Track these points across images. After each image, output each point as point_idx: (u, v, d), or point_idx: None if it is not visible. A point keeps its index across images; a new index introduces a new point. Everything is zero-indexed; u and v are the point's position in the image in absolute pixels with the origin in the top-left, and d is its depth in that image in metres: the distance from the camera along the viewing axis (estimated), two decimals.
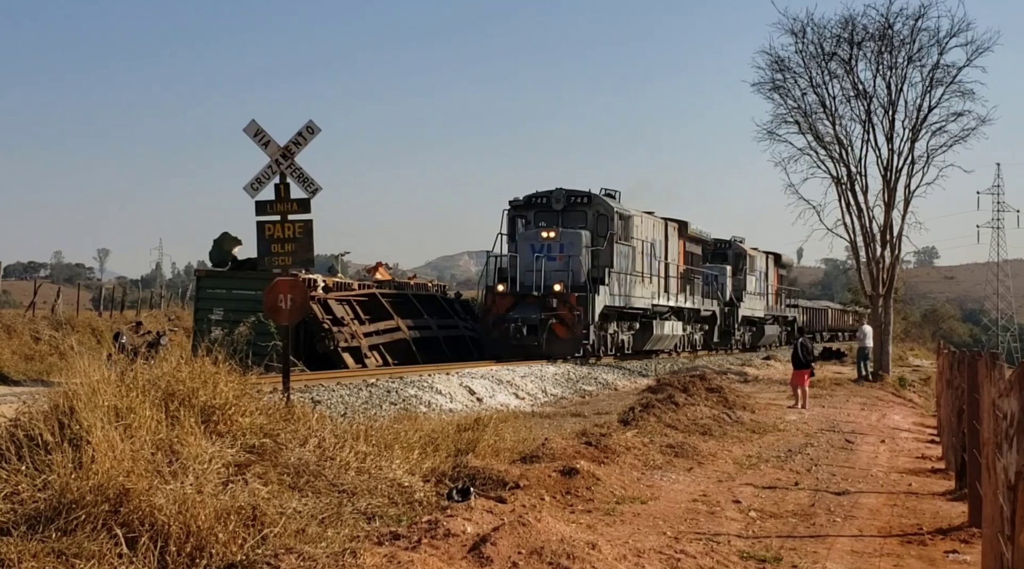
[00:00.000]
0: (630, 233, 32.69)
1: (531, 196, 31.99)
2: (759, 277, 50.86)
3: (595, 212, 31.50)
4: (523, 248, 30.42)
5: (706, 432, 15.53)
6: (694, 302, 40.37)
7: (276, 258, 13.16)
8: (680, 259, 39.09)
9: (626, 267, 32.23)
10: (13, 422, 8.00)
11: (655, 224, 36.22)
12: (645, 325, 35.00)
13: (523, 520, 7.62)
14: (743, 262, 47.62)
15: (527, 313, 29.30)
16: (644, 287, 33.95)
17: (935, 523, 9.86)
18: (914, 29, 32.62)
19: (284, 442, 8.81)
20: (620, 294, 31.70)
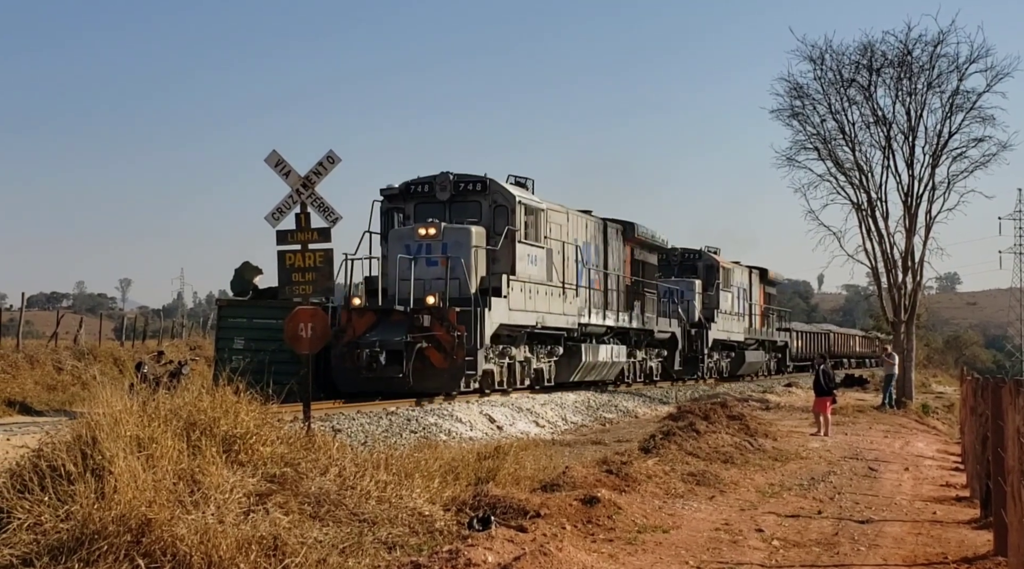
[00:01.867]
0: (542, 231, 25.75)
1: (409, 183, 25.10)
2: (738, 294, 45.06)
3: (492, 202, 24.27)
4: (394, 249, 23.39)
5: (728, 460, 15.44)
6: (644, 321, 33.41)
7: (296, 287, 13.22)
8: (626, 269, 32.77)
9: (537, 275, 25.39)
10: (36, 453, 8.04)
11: (585, 223, 29.48)
12: (571, 350, 27.81)
13: (544, 549, 7.59)
14: (716, 276, 41.61)
15: (389, 335, 21.96)
16: (567, 301, 27.01)
17: (960, 552, 9.76)
18: (933, 55, 32.64)
19: (305, 471, 8.81)
20: (527, 309, 24.64)
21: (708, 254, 42.27)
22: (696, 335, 39.30)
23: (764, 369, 50.58)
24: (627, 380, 33.64)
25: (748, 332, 46.14)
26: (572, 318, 27.47)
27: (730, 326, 43.12)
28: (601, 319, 29.93)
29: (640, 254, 34.05)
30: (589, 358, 28.55)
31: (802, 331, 61.56)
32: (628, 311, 32.32)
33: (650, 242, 34.86)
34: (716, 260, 42.03)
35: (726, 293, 42.70)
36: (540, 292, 25.53)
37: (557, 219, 27.15)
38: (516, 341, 25.30)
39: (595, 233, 30.19)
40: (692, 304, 39.40)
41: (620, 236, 32.29)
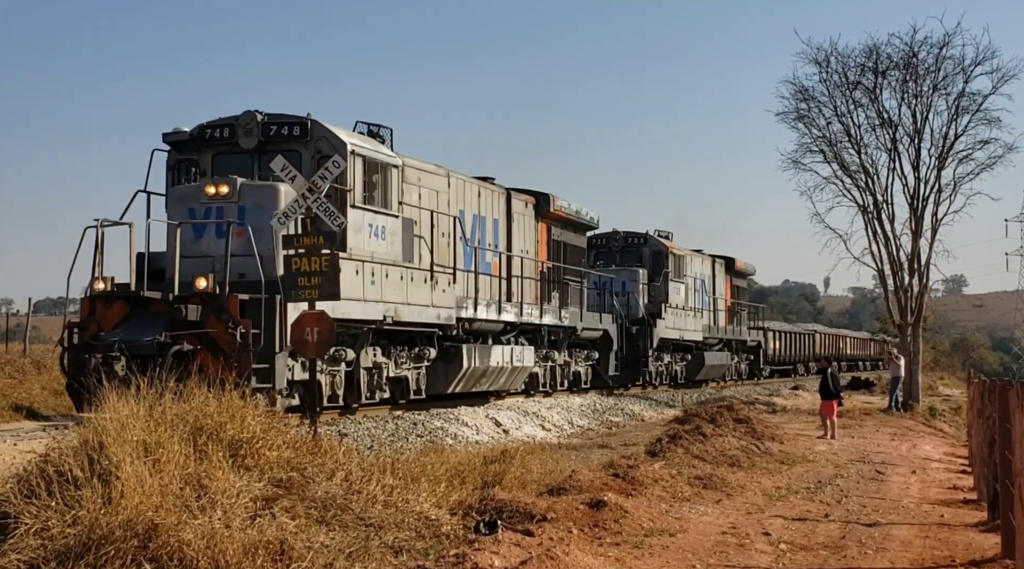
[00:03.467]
0: (395, 195, 19.23)
1: (205, 126, 18.51)
2: (695, 287, 39.17)
3: (315, 152, 17.64)
4: (175, 214, 17.22)
5: (734, 463, 15.42)
6: (563, 317, 27.10)
7: (303, 291, 13.23)
8: (540, 251, 26.80)
9: (386, 252, 18.86)
10: (43, 458, 8.06)
11: (477, 191, 23.31)
12: (449, 353, 21.68)
13: (551, 553, 7.59)
14: (664, 264, 35.92)
15: (138, 333, 15.73)
16: (437, 290, 20.66)
17: (968, 555, 9.74)
18: (939, 58, 32.60)
19: (311, 476, 8.81)
20: (368, 298, 18.14)
21: (655, 239, 36.53)
22: (639, 333, 33.25)
23: (731, 373, 44.55)
24: (544, 389, 27.08)
25: (709, 330, 40.37)
26: (446, 311, 21.04)
27: (684, 323, 37.33)
28: (495, 313, 23.30)
29: (560, 234, 27.97)
30: (474, 363, 22.04)
31: (782, 331, 55.67)
32: (541, 304, 26.00)
33: (574, 219, 28.63)
34: (665, 245, 36.34)
35: (678, 284, 36.99)
36: (392, 276, 18.89)
37: (429, 182, 21.01)
38: (356, 341, 18.42)
39: (493, 205, 24.11)
40: (634, 297, 33.89)
41: (532, 210, 26.27)
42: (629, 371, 33.06)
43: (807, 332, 61.46)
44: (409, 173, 20.16)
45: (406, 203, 19.85)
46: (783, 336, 54.79)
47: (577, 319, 28.22)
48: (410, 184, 20.15)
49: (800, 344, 57.92)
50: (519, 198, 25.74)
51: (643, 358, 33.79)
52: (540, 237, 26.92)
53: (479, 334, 23.36)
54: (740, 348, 46.06)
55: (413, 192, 20.30)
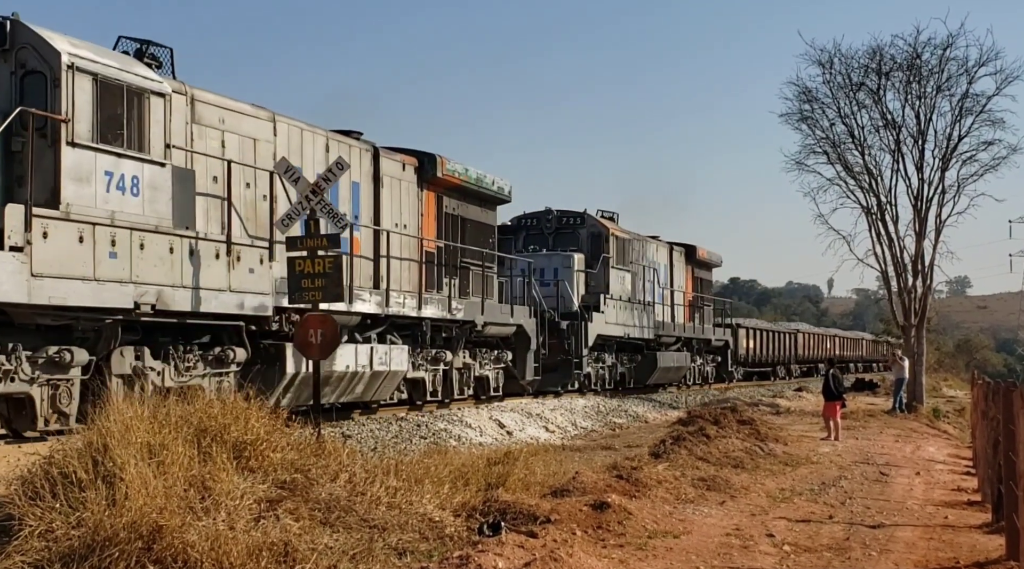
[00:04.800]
0: (152, 135, 14.04)
1: None
2: (647, 276, 34.34)
3: (17, 66, 13.10)
4: None
5: (738, 465, 15.42)
6: (453, 308, 21.68)
7: (306, 293, 13.24)
8: (425, 225, 21.67)
9: (140, 213, 13.70)
10: (47, 460, 8.07)
11: (301, 137, 17.79)
12: (267, 354, 16.39)
13: (555, 555, 7.60)
14: (605, 248, 30.90)
15: None
16: (235, 269, 15.28)
17: (972, 557, 9.73)
18: (942, 59, 32.55)
19: (315, 477, 8.82)
20: (106, 278, 13.10)
21: (594, 219, 31.70)
22: (571, 330, 28.30)
23: (693, 376, 39.73)
24: (437, 398, 21.85)
25: (662, 327, 35.24)
26: (257, 298, 15.71)
27: (630, 318, 32.27)
28: (345, 303, 17.21)
29: (457, 207, 22.87)
30: (301, 368, 16.33)
31: (757, 329, 50.24)
32: (421, 292, 20.73)
33: (474, 188, 23.17)
34: (605, 227, 31.38)
35: (622, 273, 31.98)
36: (151, 247, 13.75)
37: (240, 126, 16.18)
38: (96, 340, 13.64)
39: (352, 165, 18.76)
40: (566, 286, 29.06)
41: (413, 175, 20.99)
42: (559, 374, 28.21)
43: (788, 331, 55.69)
44: (203, 111, 15.40)
45: (194, 150, 15.04)
46: (759, 335, 49.39)
47: (476, 312, 22.64)
48: (204, 125, 15.37)
49: (780, 344, 52.59)
50: (392, 159, 20.37)
51: (576, 358, 28.55)
52: (426, 209, 21.59)
53: None
54: (703, 348, 40.93)
55: (209, 137, 15.45)
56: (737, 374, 45.75)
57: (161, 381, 14.30)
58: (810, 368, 58.26)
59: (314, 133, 18.15)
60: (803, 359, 56.98)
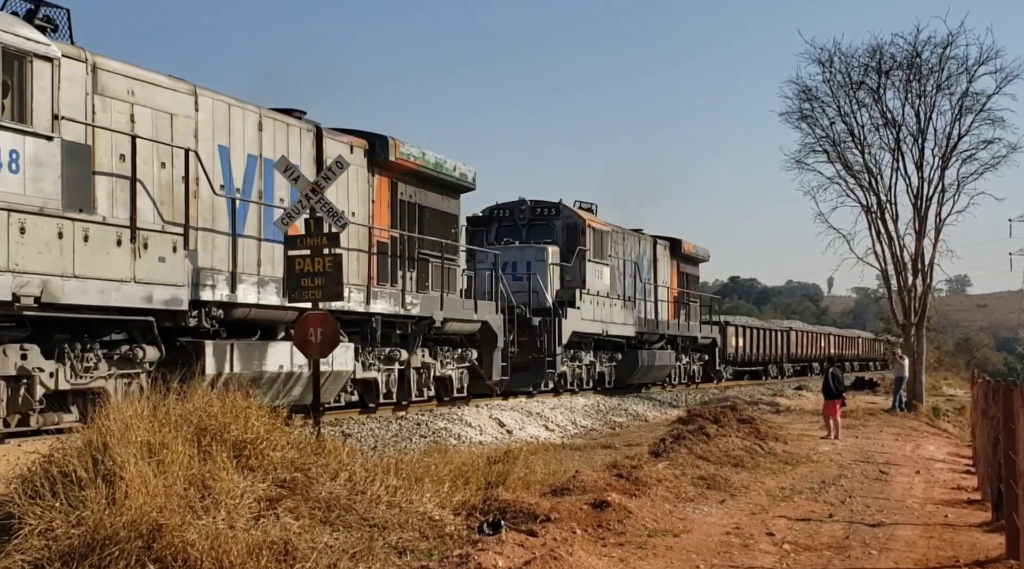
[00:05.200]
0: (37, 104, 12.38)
1: None
2: (627, 271, 32.47)
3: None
4: None
5: (738, 464, 15.42)
6: (407, 303, 19.83)
7: (306, 292, 13.24)
8: (376, 213, 19.75)
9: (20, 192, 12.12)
10: (47, 458, 8.07)
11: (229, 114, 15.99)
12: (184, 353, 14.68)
13: (555, 554, 7.60)
14: (581, 241, 29.12)
15: None
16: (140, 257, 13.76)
17: (972, 555, 9.73)
18: (942, 57, 32.57)
19: (315, 476, 8.83)
20: None
21: (570, 209, 29.83)
22: (544, 327, 26.32)
23: (678, 375, 38.01)
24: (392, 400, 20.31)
25: (644, 324, 33.37)
26: (168, 290, 14.14)
27: (609, 314, 30.44)
28: (276, 295, 15.91)
29: (415, 194, 20.92)
30: (229, 367, 14.99)
31: (748, 327, 48.45)
32: (370, 286, 18.89)
33: (433, 174, 21.19)
34: (581, 218, 29.54)
35: (599, 267, 30.07)
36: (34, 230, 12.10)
37: (154, 100, 14.44)
38: None
39: (291, 146, 17.09)
40: (540, 280, 27.09)
41: (363, 159, 19.15)
42: (531, 374, 26.35)
43: (780, 329, 53.85)
44: (108, 81, 13.66)
45: (95, 124, 13.32)
46: (750, 333, 47.66)
47: (434, 307, 20.74)
48: (109, 97, 13.65)
49: (771, 342, 50.65)
50: (338, 140, 18.47)
51: (549, 356, 26.41)
52: (378, 196, 19.77)
53: (256, 326, 16.36)
54: (690, 346, 39.07)
55: (116, 110, 13.75)
56: (726, 373, 44.23)
57: (54, 383, 12.74)
58: (804, 367, 56.96)
59: (244, 109, 16.20)
60: (797, 358, 55.47)
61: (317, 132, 18.13)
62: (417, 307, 20.24)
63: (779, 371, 52.56)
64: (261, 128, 16.56)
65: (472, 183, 23.22)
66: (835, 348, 62.28)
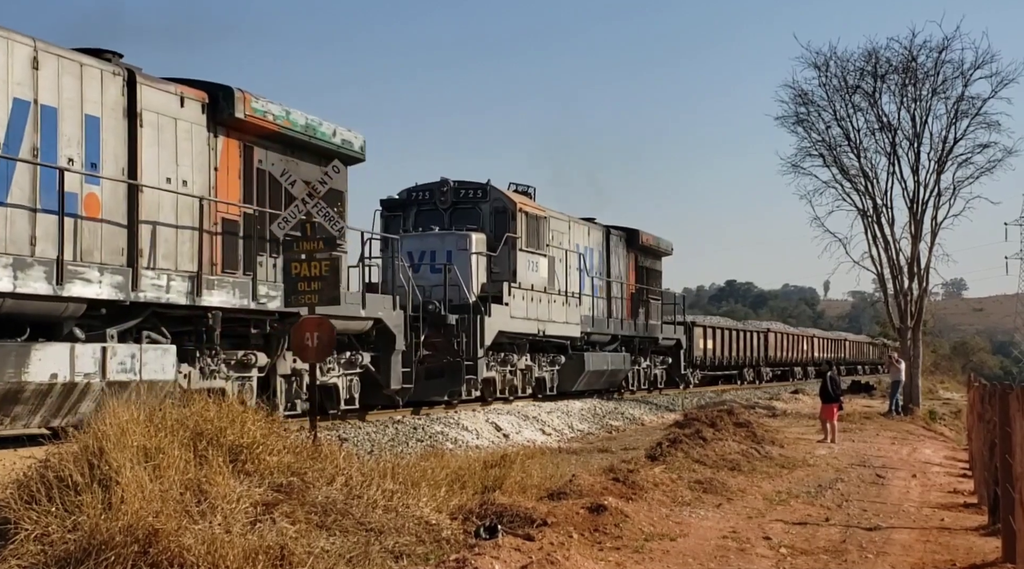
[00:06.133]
0: None
1: None
2: (572, 264, 28.67)
3: None
4: None
5: (735, 467, 15.43)
6: (258, 295, 15.95)
7: (302, 296, 13.24)
8: (220, 183, 16.05)
9: None
10: (43, 463, 8.05)
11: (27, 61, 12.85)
12: None
13: (551, 558, 7.60)
14: (511, 227, 25.04)
15: None
16: None
17: (968, 559, 9.74)
18: (938, 62, 32.66)
19: (311, 481, 8.81)
20: None
21: (499, 191, 25.67)
22: (462, 326, 22.59)
23: (636, 380, 34.19)
24: None
25: (593, 323, 29.64)
26: None
27: (546, 311, 26.38)
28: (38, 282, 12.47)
29: (275, 161, 16.90)
30: None
31: (717, 327, 44.98)
32: (219, 273, 15.66)
33: (301, 138, 17.37)
34: (511, 201, 25.49)
35: (534, 257, 26.06)
36: None
37: None
38: None
39: (67, 93, 13.57)
40: (458, 272, 23.15)
41: (194, 112, 15.44)
42: (448, 380, 22.58)
43: (757, 331, 50.56)
44: None
45: None
46: (720, 334, 44.25)
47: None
48: None
49: (746, 345, 47.30)
50: (161, 90, 14.88)
51: (468, 361, 22.64)
52: (224, 162, 16.11)
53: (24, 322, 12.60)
54: (650, 348, 35.44)
55: None
56: (694, 378, 40.76)
57: None
58: (784, 371, 54.40)
59: (8, 41, 12.67)
60: (776, 361, 52.59)
61: (129, 77, 14.49)
62: (277, 300, 16.10)
63: (756, 375, 49.68)
64: (38, 66, 13.07)
65: (360, 153, 19.22)
66: (819, 351, 60.46)
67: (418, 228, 25.03)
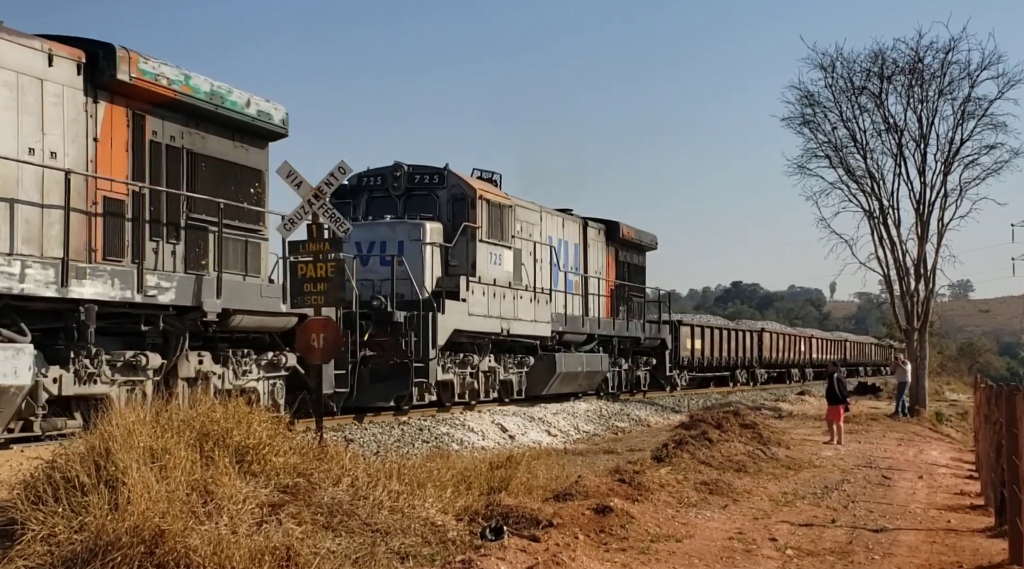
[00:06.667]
0: None
1: None
2: (540, 255, 25.97)
3: None
4: None
5: (741, 469, 15.41)
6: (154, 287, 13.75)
7: (308, 297, 13.25)
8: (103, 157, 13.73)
9: None
10: (50, 464, 8.08)
11: None
12: None
13: (557, 559, 7.60)
14: (471, 216, 22.82)
15: None
16: None
17: (975, 561, 9.72)
18: (944, 62, 32.62)
19: (317, 481, 8.82)
20: None
21: (458, 177, 23.36)
22: (412, 324, 20.15)
23: (617, 382, 31.40)
24: None
25: (567, 321, 27.37)
26: None
27: (511, 308, 24.06)
28: None
29: (174, 132, 14.77)
30: None
31: (708, 326, 43.04)
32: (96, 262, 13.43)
33: (206, 107, 15.09)
34: (471, 188, 23.20)
35: (497, 249, 23.78)
36: None
37: None
38: None
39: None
40: (408, 266, 20.75)
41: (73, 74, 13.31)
42: (396, 382, 20.13)
43: (750, 330, 48.50)
44: None
45: None
46: (710, 334, 42.21)
47: (206, 292, 14.51)
48: None
49: (738, 345, 45.25)
50: (21, 44, 12.61)
51: (419, 361, 20.15)
52: (106, 131, 13.85)
53: None
54: (631, 348, 32.93)
55: None
56: (681, 380, 38.53)
57: None
58: (780, 373, 52.20)
59: None
60: (771, 363, 50.40)
61: None
62: (170, 292, 14.06)
63: (749, 377, 47.45)
64: None
65: (281, 126, 16.70)
66: (818, 352, 58.73)
67: (369, 216, 23.07)
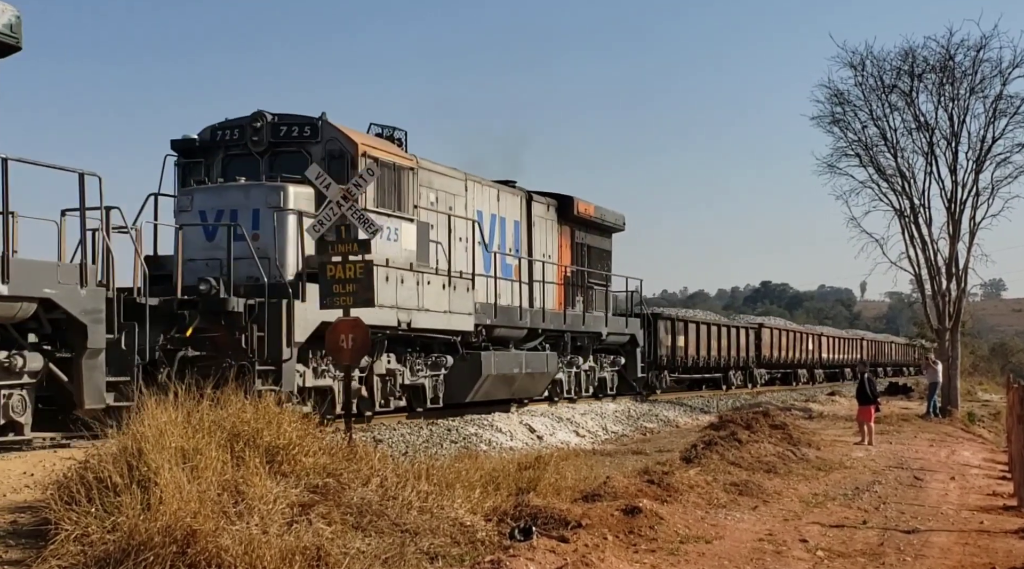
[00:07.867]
0: None
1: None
2: (457, 232, 21.07)
3: None
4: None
5: (771, 470, 15.34)
6: None
7: (337, 298, 13.30)
8: None
9: None
10: (83, 464, 8.16)
11: None
12: None
13: (586, 560, 7.60)
14: (351, 176, 15.71)
15: None
16: None
17: (1008, 562, 9.64)
18: (976, 60, 32.32)
19: (347, 482, 8.86)
20: None
21: (336, 130, 18.01)
22: (252, 314, 15.64)
23: (571, 386, 26.52)
24: None
25: (498, 313, 22.51)
26: None
27: (415, 297, 19.09)
28: None
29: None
30: None
31: (695, 321, 38.29)
32: None
33: None
34: (353, 143, 17.84)
35: (393, 223, 18.55)
36: None
37: None
38: None
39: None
40: (272, 239, 16.59)
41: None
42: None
43: (747, 327, 43.92)
44: None
45: None
46: (699, 330, 37.49)
47: None
48: None
49: (732, 343, 40.70)
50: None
51: (268, 365, 15.64)
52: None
53: None
54: (592, 346, 27.62)
55: None
56: (660, 383, 34.05)
57: None
58: (785, 374, 47.95)
59: None
60: (772, 363, 45.76)
61: None
62: None
63: (746, 379, 42.79)
64: None
65: (11, 35, 11.82)
66: (828, 352, 54.36)
67: (230, 178, 18.00)
